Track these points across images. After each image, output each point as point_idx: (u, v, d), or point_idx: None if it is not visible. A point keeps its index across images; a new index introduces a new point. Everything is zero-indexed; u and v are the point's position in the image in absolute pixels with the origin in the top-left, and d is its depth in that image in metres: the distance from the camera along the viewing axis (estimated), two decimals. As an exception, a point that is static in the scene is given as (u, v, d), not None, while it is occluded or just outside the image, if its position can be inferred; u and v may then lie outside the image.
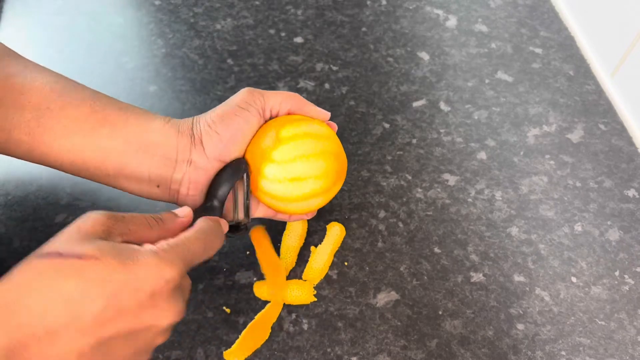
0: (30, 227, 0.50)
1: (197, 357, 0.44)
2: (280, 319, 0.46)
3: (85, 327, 0.29)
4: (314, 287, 0.48)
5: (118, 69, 0.62)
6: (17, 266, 0.30)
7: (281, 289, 0.46)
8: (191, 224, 0.38)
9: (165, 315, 0.32)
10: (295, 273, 0.48)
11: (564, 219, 0.53)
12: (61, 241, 0.31)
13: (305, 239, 0.50)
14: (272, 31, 0.67)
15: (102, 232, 0.32)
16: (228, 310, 0.46)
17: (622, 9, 0.61)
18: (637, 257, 0.50)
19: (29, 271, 0.29)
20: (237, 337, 0.45)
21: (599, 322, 0.47)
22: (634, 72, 0.60)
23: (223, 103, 0.43)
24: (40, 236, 0.50)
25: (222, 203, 0.41)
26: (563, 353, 0.45)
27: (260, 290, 0.47)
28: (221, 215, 0.41)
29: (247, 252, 0.49)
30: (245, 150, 0.43)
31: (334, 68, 0.64)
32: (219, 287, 0.47)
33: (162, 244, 0.33)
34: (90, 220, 0.32)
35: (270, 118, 0.44)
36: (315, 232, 0.51)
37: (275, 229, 0.50)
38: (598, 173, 0.56)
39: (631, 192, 0.55)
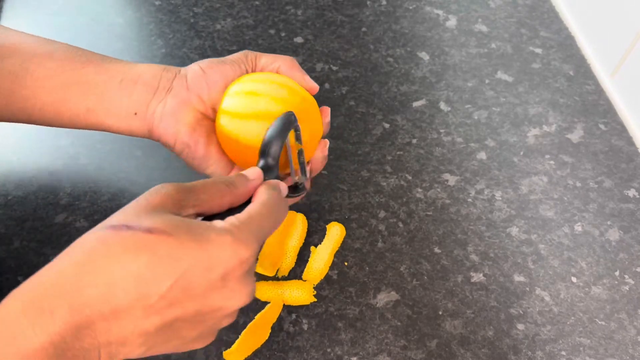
0: (30, 227, 0.50)
1: (197, 357, 0.44)
2: (280, 319, 0.46)
3: (152, 307, 0.28)
4: (314, 287, 0.48)
5: (118, 69, 0.62)
6: (79, 239, 0.28)
7: (277, 284, 0.46)
8: None
9: (236, 297, 0.30)
10: (295, 273, 0.48)
11: (564, 219, 0.53)
12: (129, 213, 0.29)
13: (305, 239, 0.50)
14: (272, 31, 0.67)
15: (172, 206, 0.30)
16: (228, 310, 0.46)
17: (622, 9, 0.61)
18: (637, 257, 0.50)
19: (94, 244, 0.28)
20: (237, 337, 0.45)
21: (599, 322, 0.47)
22: (634, 72, 0.60)
23: (218, 57, 0.44)
24: (40, 236, 0.50)
25: (277, 160, 0.38)
26: (563, 353, 0.45)
27: (260, 290, 0.47)
28: (277, 173, 0.38)
29: (247, 252, 0.49)
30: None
31: (334, 68, 0.64)
32: (219, 287, 0.47)
33: (233, 220, 0.31)
34: (159, 193, 0.30)
35: None
36: (315, 232, 0.51)
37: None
38: (598, 173, 0.56)
39: (631, 192, 0.55)
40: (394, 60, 0.65)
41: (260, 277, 0.48)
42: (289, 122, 0.39)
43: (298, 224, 0.50)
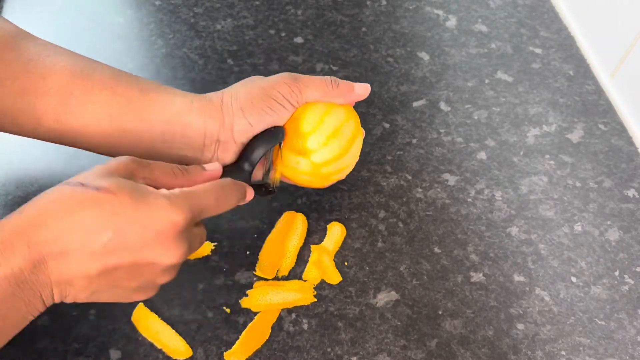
0: (30, 227, 0.50)
1: (197, 357, 0.44)
2: (280, 319, 0.46)
3: (93, 253, 0.32)
4: (314, 287, 0.48)
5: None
6: (47, 190, 0.33)
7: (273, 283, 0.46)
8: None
9: (168, 254, 0.34)
10: (295, 273, 0.49)
11: (564, 219, 0.53)
12: (87, 174, 0.34)
13: (305, 239, 0.50)
14: (272, 31, 0.67)
15: (125, 172, 0.34)
16: (228, 310, 0.46)
17: (622, 9, 0.61)
18: (637, 257, 0.50)
19: (54, 196, 0.33)
20: (237, 337, 0.45)
21: (599, 322, 0.47)
22: (634, 72, 0.60)
23: (258, 81, 0.43)
24: (41, 236, 0.50)
25: (253, 167, 0.41)
26: (563, 353, 0.45)
27: (259, 292, 0.47)
28: (250, 178, 0.41)
29: (247, 252, 0.49)
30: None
31: (334, 68, 0.64)
32: (219, 287, 0.47)
33: (176, 190, 0.35)
34: (116, 161, 0.35)
35: None
36: (315, 232, 0.51)
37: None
38: (598, 173, 0.56)
39: (631, 192, 0.55)
40: (394, 60, 0.65)
41: (260, 278, 0.48)
42: (276, 137, 0.42)
43: (298, 224, 0.50)
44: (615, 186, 0.55)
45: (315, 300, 0.47)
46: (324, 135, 0.42)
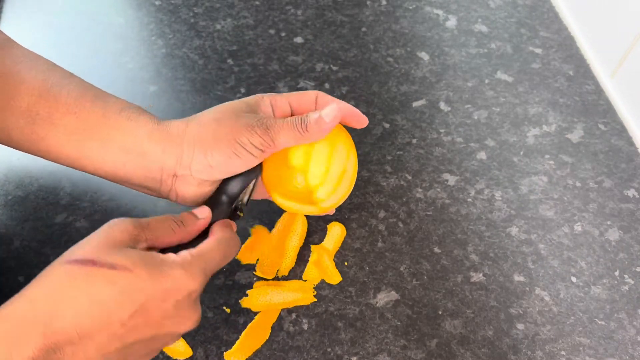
0: (30, 227, 0.50)
1: (197, 357, 0.44)
2: (280, 319, 0.46)
3: (114, 333, 0.31)
4: (314, 287, 0.48)
5: (118, 69, 0.62)
6: (48, 270, 0.32)
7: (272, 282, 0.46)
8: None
9: (185, 323, 0.35)
10: (295, 273, 0.49)
11: (564, 219, 0.53)
12: (93, 247, 0.33)
13: (305, 239, 0.50)
14: (272, 31, 0.67)
15: (129, 241, 0.34)
16: (228, 310, 0.46)
17: (622, 9, 0.61)
18: (637, 257, 0.50)
19: (63, 277, 0.31)
20: (237, 337, 0.45)
21: (599, 322, 0.47)
22: (634, 72, 0.60)
23: (227, 119, 0.39)
24: (40, 236, 0.50)
25: (232, 201, 0.41)
26: (563, 353, 0.45)
27: (259, 293, 0.47)
28: (229, 211, 0.41)
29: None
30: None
31: (334, 68, 0.64)
32: (219, 287, 0.47)
33: (186, 255, 0.35)
34: (118, 228, 0.34)
35: None
36: (315, 232, 0.51)
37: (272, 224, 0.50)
38: (598, 173, 0.56)
39: (631, 192, 0.55)
40: (394, 60, 0.65)
41: (260, 278, 0.48)
42: (254, 173, 0.41)
43: (298, 224, 0.51)
44: (615, 186, 0.55)
45: (315, 300, 0.47)
46: (331, 185, 0.42)
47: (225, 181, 0.41)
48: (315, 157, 0.41)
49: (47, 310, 0.30)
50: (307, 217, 0.51)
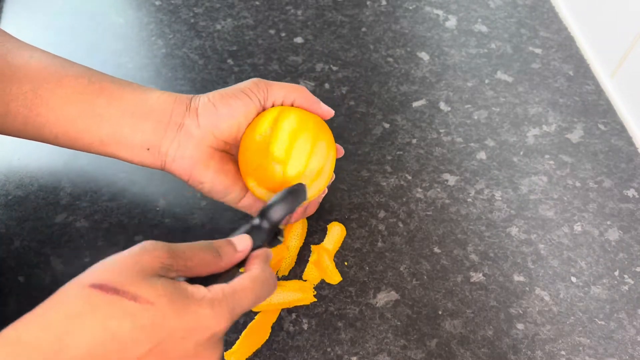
0: (30, 227, 0.50)
1: (197, 357, 0.44)
2: (280, 319, 0.46)
3: None
4: (314, 287, 0.48)
5: (118, 69, 0.62)
6: (66, 288, 0.29)
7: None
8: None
9: None
10: (295, 273, 0.49)
11: (564, 219, 0.53)
12: (117, 273, 0.30)
13: (305, 239, 0.50)
14: (272, 31, 0.67)
15: (159, 270, 0.31)
16: (228, 310, 0.46)
17: (622, 9, 0.61)
18: (637, 257, 0.51)
19: (80, 302, 0.29)
20: (237, 337, 0.45)
21: (599, 322, 0.47)
22: (634, 72, 0.60)
23: (227, 87, 0.44)
24: (40, 236, 0.50)
25: (274, 227, 0.38)
26: (563, 353, 0.45)
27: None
28: (267, 237, 0.38)
29: (247, 252, 0.49)
30: (242, 135, 0.43)
31: (334, 68, 0.64)
32: (219, 287, 0.47)
33: (217, 292, 0.32)
34: (150, 255, 0.31)
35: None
36: (315, 232, 0.51)
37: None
38: (598, 173, 0.56)
39: (631, 192, 0.55)
40: (394, 60, 0.65)
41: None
42: (299, 198, 0.39)
43: (298, 224, 0.51)
44: (615, 186, 0.55)
45: (315, 300, 0.47)
46: (309, 178, 0.42)
47: (268, 207, 0.39)
48: (297, 150, 0.41)
49: (59, 339, 0.28)
50: (308, 217, 0.51)
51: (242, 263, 0.36)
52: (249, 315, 0.46)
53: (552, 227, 0.52)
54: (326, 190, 0.48)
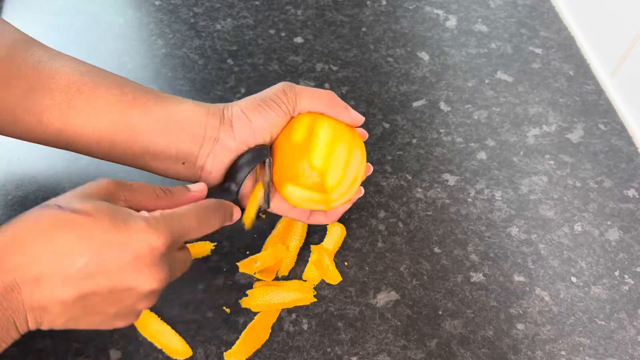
0: (30, 227, 0.50)
1: (197, 357, 0.44)
2: (280, 319, 0.46)
3: (68, 278, 0.31)
4: (314, 287, 0.48)
5: (118, 69, 0.62)
6: (26, 212, 0.32)
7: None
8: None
9: (146, 280, 0.33)
10: (295, 273, 0.49)
11: (564, 219, 0.53)
12: (65, 197, 0.33)
13: (305, 239, 0.50)
14: (272, 31, 0.67)
15: (105, 195, 0.34)
16: (228, 310, 0.46)
17: (622, 9, 0.61)
18: (637, 257, 0.51)
19: (30, 218, 0.32)
20: (237, 337, 0.45)
21: (599, 322, 0.47)
22: (634, 72, 0.60)
23: (257, 94, 0.44)
24: (41, 236, 0.50)
25: (239, 186, 0.41)
26: (563, 353, 0.45)
27: (258, 294, 0.47)
28: (236, 198, 0.41)
29: (247, 252, 0.49)
30: (275, 142, 0.44)
31: (334, 68, 0.64)
32: (219, 287, 0.47)
33: (156, 212, 0.34)
34: (96, 184, 0.34)
35: None
36: (315, 232, 0.51)
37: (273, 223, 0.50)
38: (598, 173, 0.56)
39: (631, 192, 0.55)
40: (394, 60, 0.65)
41: (260, 278, 0.48)
42: (260, 156, 0.42)
43: (298, 224, 0.50)
44: (615, 186, 0.55)
45: (315, 300, 0.47)
46: (345, 187, 0.43)
47: (232, 167, 0.41)
48: (335, 159, 0.42)
49: (6, 247, 0.31)
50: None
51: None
52: (249, 315, 0.46)
53: (552, 227, 0.52)
54: (361, 191, 0.47)
